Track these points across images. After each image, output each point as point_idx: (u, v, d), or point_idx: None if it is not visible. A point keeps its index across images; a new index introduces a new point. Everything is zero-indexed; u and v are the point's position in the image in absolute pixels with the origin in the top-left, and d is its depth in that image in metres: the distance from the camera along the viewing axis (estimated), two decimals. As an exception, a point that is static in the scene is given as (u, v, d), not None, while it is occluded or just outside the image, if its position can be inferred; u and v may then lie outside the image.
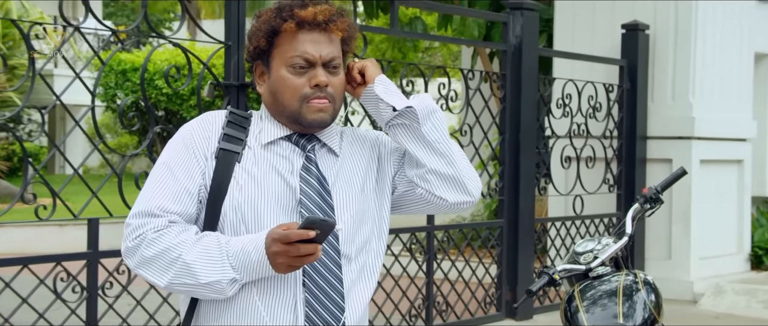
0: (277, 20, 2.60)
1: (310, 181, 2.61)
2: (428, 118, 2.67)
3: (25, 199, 4.56)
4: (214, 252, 2.44)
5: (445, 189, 2.70)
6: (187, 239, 2.47)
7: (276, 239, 2.36)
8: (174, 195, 2.54)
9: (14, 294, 4.42)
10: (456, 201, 2.71)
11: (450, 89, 6.56)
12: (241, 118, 2.67)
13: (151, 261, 2.48)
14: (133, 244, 2.50)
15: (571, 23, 9.03)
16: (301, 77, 2.61)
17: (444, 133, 2.69)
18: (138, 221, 2.51)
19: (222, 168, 2.58)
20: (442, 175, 2.68)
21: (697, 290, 8.29)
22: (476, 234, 7.04)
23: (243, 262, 2.42)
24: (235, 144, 2.61)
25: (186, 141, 2.62)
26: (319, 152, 2.68)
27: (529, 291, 3.70)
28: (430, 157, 2.67)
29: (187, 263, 2.44)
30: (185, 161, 2.58)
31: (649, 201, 4.16)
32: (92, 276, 4.66)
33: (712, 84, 8.69)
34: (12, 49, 18.37)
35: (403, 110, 2.65)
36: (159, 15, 34.13)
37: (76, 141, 24.25)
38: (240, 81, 5.09)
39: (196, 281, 2.44)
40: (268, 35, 2.62)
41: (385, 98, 2.68)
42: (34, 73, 4.36)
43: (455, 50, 23.64)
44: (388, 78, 2.83)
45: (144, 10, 4.73)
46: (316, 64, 2.61)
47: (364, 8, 11.15)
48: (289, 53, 2.61)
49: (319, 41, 2.62)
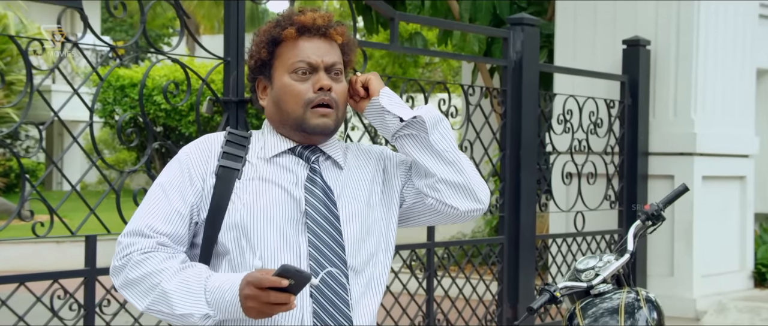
0: (276, 30, 2.63)
1: (315, 192, 2.60)
2: (435, 127, 2.68)
3: (22, 216, 4.53)
4: (192, 285, 2.44)
5: (456, 197, 2.69)
6: (170, 267, 2.47)
7: (250, 282, 2.34)
8: (165, 216, 2.55)
9: (11, 312, 4.38)
10: (467, 209, 2.71)
11: (450, 105, 6.53)
12: (240, 137, 2.67)
13: (134, 284, 2.49)
14: (120, 264, 2.52)
15: (572, 39, 9.01)
16: (304, 82, 2.62)
17: (452, 142, 2.70)
18: (127, 240, 2.53)
19: (222, 186, 2.58)
20: (452, 184, 2.68)
21: (699, 308, 8.24)
22: (477, 250, 7.00)
23: (217, 300, 2.40)
24: (234, 161, 2.61)
25: (183, 163, 2.63)
26: (324, 164, 2.68)
27: (530, 309, 3.67)
28: (439, 166, 2.67)
29: (165, 291, 2.44)
30: (179, 183, 2.59)
31: (650, 218, 4.13)
32: (89, 294, 4.62)
33: (714, 100, 8.66)
34: (10, 64, 18.36)
35: (410, 120, 2.65)
36: (158, 30, 34.19)
37: (74, 157, 24.24)
38: (239, 97, 5.05)
39: (171, 310, 2.43)
40: (269, 46, 2.64)
41: (391, 109, 2.68)
42: (32, 89, 4.32)
43: (455, 66, 23.64)
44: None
45: (143, 26, 4.69)
46: (318, 68, 2.62)
47: (364, 24, 11.14)
48: (291, 60, 2.62)
49: (320, 47, 2.64)
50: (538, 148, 7.22)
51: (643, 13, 8.60)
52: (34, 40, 4.53)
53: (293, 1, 5.51)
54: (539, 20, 7.34)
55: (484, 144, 6.95)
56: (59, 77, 20.89)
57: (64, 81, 5.36)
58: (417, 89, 7.07)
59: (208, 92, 5.08)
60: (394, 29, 6.12)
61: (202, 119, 14.60)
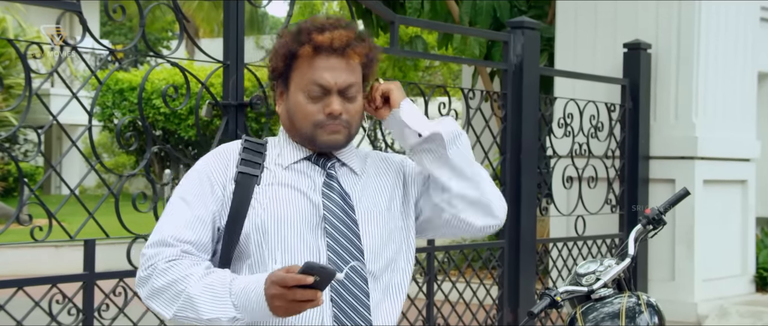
0: (294, 44, 2.61)
1: (332, 197, 2.61)
2: (454, 143, 2.67)
3: (20, 220, 4.50)
4: (218, 289, 2.43)
5: (472, 213, 2.69)
6: (196, 273, 2.46)
7: (274, 282, 2.33)
8: (187, 223, 2.54)
9: (9, 317, 4.35)
10: (483, 225, 2.71)
11: (450, 108, 6.51)
12: (256, 144, 2.67)
13: (160, 293, 2.47)
14: (146, 274, 2.51)
15: (572, 42, 8.99)
16: (315, 103, 2.60)
17: (469, 157, 2.70)
18: (151, 251, 2.52)
19: (242, 191, 2.58)
20: (469, 199, 2.67)
21: (700, 312, 8.22)
22: (477, 255, 6.97)
23: (243, 302, 2.39)
24: (253, 167, 2.61)
25: (201, 172, 2.63)
26: (340, 170, 2.68)
27: (530, 313, 3.66)
28: (456, 181, 2.67)
29: (191, 296, 2.43)
30: (199, 191, 2.59)
31: (651, 222, 4.12)
32: (88, 298, 4.59)
33: (715, 103, 8.64)
34: (8, 68, 18.36)
35: (429, 136, 2.63)
36: (157, 34, 34.20)
37: (73, 161, 24.24)
38: (238, 100, 5.03)
39: (198, 316, 2.42)
40: (285, 58, 2.62)
41: (410, 124, 2.67)
42: (31, 93, 4.30)
43: (456, 69, 23.66)
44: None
45: (142, 29, 4.67)
46: (331, 91, 2.59)
47: (364, 27, 11.13)
48: (305, 79, 2.60)
49: (336, 68, 2.60)
50: (538, 152, 7.19)
51: (644, 16, 8.58)
52: (33, 43, 4.51)
53: (293, 3, 5.48)
54: (540, 23, 7.32)
55: (484, 147, 6.93)
56: (58, 81, 20.92)
57: (63, 84, 5.35)
58: (417, 93, 7.03)
59: (207, 96, 5.05)
60: (394, 32, 6.10)
61: (201, 123, 14.59)
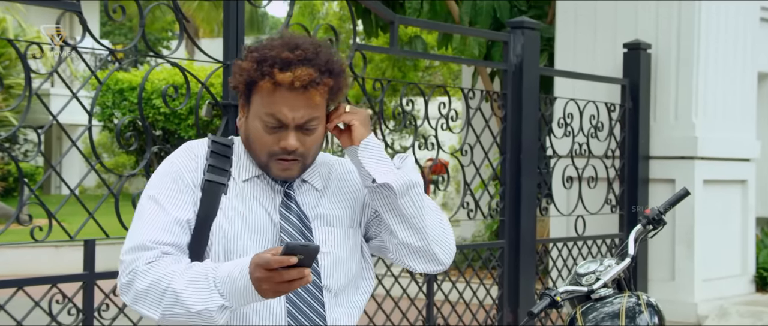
0: (256, 73, 2.51)
1: (290, 218, 2.58)
2: (407, 193, 2.61)
3: (20, 220, 4.50)
4: (201, 281, 2.39)
5: (415, 260, 2.68)
6: (177, 269, 2.42)
7: (258, 265, 2.30)
8: (164, 226, 2.50)
9: (9, 317, 4.35)
10: (424, 270, 2.69)
11: (450, 108, 6.51)
12: (223, 146, 2.61)
13: (144, 294, 2.43)
14: (127, 279, 2.46)
15: (572, 42, 8.99)
16: (271, 135, 2.53)
17: (421, 208, 2.63)
18: (130, 256, 2.47)
19: (208, 200, 2.54)
20: (412, 247, 2.65)
21: (700, 312, 8.21)
22: (477, 255, 6.97)
23: (230, 288, 2.36)
24: (220, 175, 2.57)
25: (171, 172, 2.57)
26: (300, 188, 2.64)
27: (530, 313, 3.66)
28: (402, 230, 2.63)
29: (176, 292, 2.39)
30: (172, 192, 2.54)
31: (651, 222, 4.12)
32: (88, 298, 4.59)
33: (715, 103, 8.64)
34: (8, 68, 18.36)
35: (381, 184, 2.58)
36: (157, 34, 34.18)
37: (73, 161, 24.23)
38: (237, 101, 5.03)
39: (187, 310, 2.39)
40: (246, 83, 2.54)
41: (366, 167, 2.60)
42: (31, 93, 4.30)
43: (456, 69, 23.64)
44: (389, 97, 2.79)
45: (142, 29, 4.67)
46: (288, 126, 2.52)
47: (363, 27, 11.13)
48: (263, 110, 2.52)
49: (296, 104, 2.51)
50: (538, 152, 7.19)
51: (644, 16, 8.58)
52: (33, 43, 4.51)
53: (293, 3, 5.48)
54: (539, 24, 7.32)
55: (484, 147, 6.92)
56: (58, 81, 20.91)
57: (63, 84, 5.34)
58: (417, 93, 7.02)
59: (207, 96, 5.05)
60: (393, 32, 6.10)
61: (201, 123, 14.59)
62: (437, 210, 2.70)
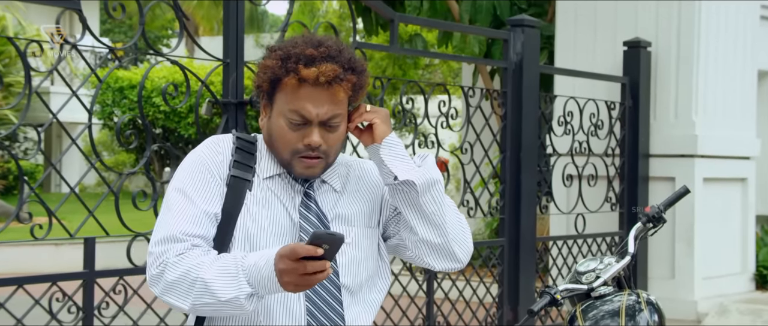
0: (281, 70, 2.53)
1: (309, 218, 2.59)
2: (428, 191, 2.63)
3: (20, 218, 4.50)
4: (231, 269, 2.40)
5: (434, 257, 2.68)
6: (206, 260, 2.44)
7: (283, 255, 2.31)
8: (194, 218, 2.51)
9: (9, 315, 4.35)
10: (442, 268, 2.70)
11: (450, 106, 6.50)
12: (248, 143, 2.63)
13: (174, 285, 2.45)
14: (158, 271, 2.47)
15: (572, 40, 8.99)
16: (295, 131, 2.55)
17: (441, 205, 2.65)
18: (160, 248, 2.48)
19: (233, 196, 2.55)
20: (432, 245, 2.66)
21: (700, 310, 8.22)
22: (477, 253, 6.97)
23: (256, 277, 2.38)
24: (245, 171, 2.58)
25: (199, 164, 2.58)
26: (319, 188, 2.65)
27: (530, 311, 3.65)
28: (423, 227, 2.64)
29: (206, 282, 2.40)
30: (201, 185, 2.55)
31: (651, 220, 4.12)
32: (88, 296, 4.59)
33: (715, 101, 8.64)
34: (8, 66, 18.35)
35: (403, 181, 2.60)
36: (157, 32, 34.18)
37: (73, 159, 24.22)
38: (238, 98, 5.03)
39: (216, 299, 2.40)
40: (271, 81, 2.56)
41: (388, 164, 2.62)
42: (31, 91, 4.30)
43: (456, 67, 23.63)
44: (389, 95, 2.79)
45: (142, 27, 4.67)
46: (312, 122, 2.54)
47: (363, 25, 11.12)
48: (287, 106, 2.54)
49: (320, 100, 2.54)
50: (538, 150, 7.20)
51: (644, 14, 8.58)
52: (33, 41, 4.51)
53: (292, 1, 5.47)
54: (539, 22, 7.32)
55: (484, 146, 6.92)
56: (58, 79, 20.90)
57: (63, 82, 5.34)
58: (417, 91, 7.03)
59: (207, 94, 5.05)
60: (393, 31, 6.10)
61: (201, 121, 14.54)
62: (455, 209, 2.72)
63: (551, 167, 7.77)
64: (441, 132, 6.48)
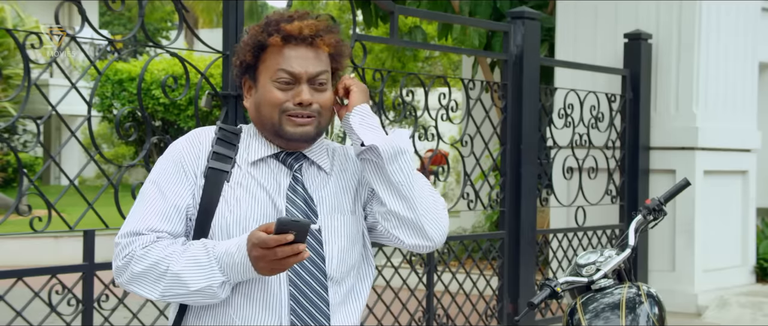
0: (263, 35, 2.58)
1: (296, 202, 2.59)
2: (395, 159, 2.62)
3: (20, 211, 4.49)
4: (201, 258, 2.44)
5: (402, 231, 2.65)
6: (175, 251, 2.47)
7: (255, 244, 2.35)
8: (162, 213, 2.53)
9: (8, 307, 4.35)
10: (412, 244, 2.66)
11: (450, 99, 6.49)
12: (230, 134, 2.64)
13: (141, 276, 2.48)
14: (123, 263, 2.50)
15: (572, 32, 8.98)
16: (285, 92, 2.58)
17: (409, 176, 2.63)
18: (126, 240, 2.51)
19: (211, 188, 2.56)
20: (401, 217, 2.64)
21: (701, 303, 8.21)
22: (477, 245, 6.96)
23: (228, 264, 2.41)
24: (224, 162, 2.59)
25: (176, 158, 2.60)
26: (308, 171, 2.65)
27: (530, 304, 3.65)
28: (391, 198, 2.63)
29: (176, 273, 2.44)
30: (174, 179, 2.57)
31: (652, 212, 4.12)
32: (88, 289, 4.59)
33: (716, 94, 8.62)
34: (7, 58, 18.33)
35: (368, 147, 2.60)
36: (156, 24, 34.16)
37: (72, 151, 24.23)
38: (238, 91, 5.02)
39: (187, 289, 2.44)
40: (254, 50, 2.60)
41: (356, 130, 2.63)
42: (30, 83, 4.28)
43: (456, 60, 23.62)
44: (389, 88, 2.79)
45: (141, 19, 4.66)
46: (300, 80, 2.57)
47: (363, 17, 11.12)
48: (274, 67, 2.57)
49: (306, 57, 2.58)
50: (538, 143, 7.19)
51: (645, 6, 8.57)
52: (32, 33, 4.49)
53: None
54: (540, 14, 7.31)
55: (484, 138, 6.91)
56: (57, 71, 20.89)
57: (62, 75, 5.33)
58: (417, 83, 7.02)
59: (206, 86, 5.03)
60: (393, 23, 6.08)
61: (200, 113, 14.53)
62: (430, 187, 2.70)
63: (551, 160, 7.76)
64: (441, 124, 6.47)
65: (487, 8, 10.43)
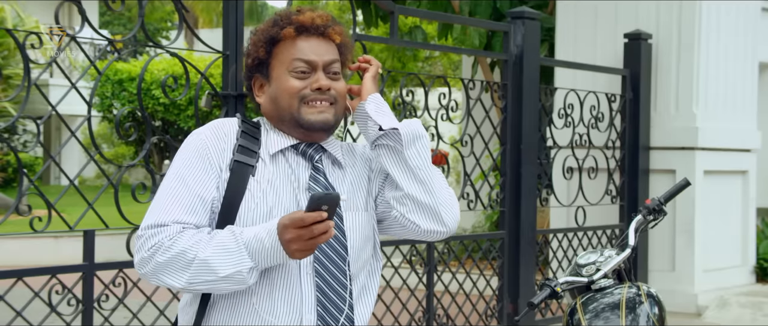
0: (275, 29, 2.63)
1: (318, 190, 2.59)
2: (413, 143, 2.66)
3: (20, 211, 4.48)
4: (230, 245, 2.44)
5: (419, 215, 2.67)
6: (201, 239, 2.46)
7: (288, 225, 2.36)
8: (187, 206, 2.53)
9: (8, 307, 4.34)
10: (428, 229, 2.68)
11: (450, 99, 6.49)
12: (252, 127, 2.65)
13: (167, 266, 2.46)
14: (148, 254, 2.49)
15: (572, 32, 8.97)
16: (302, 81, 2.62)
17: (426, 160, 2.68)
18: (150, 231, 2.50)
19: (236, 181, 2.56)
20: (419, 202, 2.66)
21: (701, 303, 8.21)
22: (477, 245, 6.96)
23: (257, 249, 2.42)
24: (249, 156, 2.60)
25: (200, 150, 2.59)
26: (326, 164, 2.68)
27: (530, 304, 3.65)
28: (409, 182, 2.65)
29: (204, 260, 2.43)
30: (199, 170, 2.57)
31: (652, 212, 4.12)
32: (88, 289, 4.58)
33: (716, 94, 8.62)
34: (7, 58, 18.33)
35: (388, 131, 2.64)
36: (156, 24, 34.16)
37: (72, 151, 24.23)
38: (238, 91, 5.02)
39: (216, 275, 2.43)
40: (267, 45, 2.63)
41: (374, 116, 2.68)
42: (30, 83, 4.28)
43: (456, 60, 23.62)
44: (388, 88, 2.81)
45: (141, 19, 4.65)
46: (317, 68, 2.62)
47: (363, 17, 11.11)
48: (289, 58, 2.61)
49: (319, 46, 2.64)
50: (538, 143, 7.18)
51: (645, 6, 8.56)
52: (32, 33, 4.49)
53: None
54: (540, 14, 7.31)
55: (484, 138, 6.91)
56: (57, 71, 20.88)
57: (62, 75, 5.33)
58: (417, 83, 7.02)
59: (207, 86, 5.03)
60: (393, 23, 6.08)
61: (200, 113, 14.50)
62: (443, 177, 2.74)
63: (551, 160, 7.76)
64: (441, 124, 6.47)
65: (487, 8, 10.42)
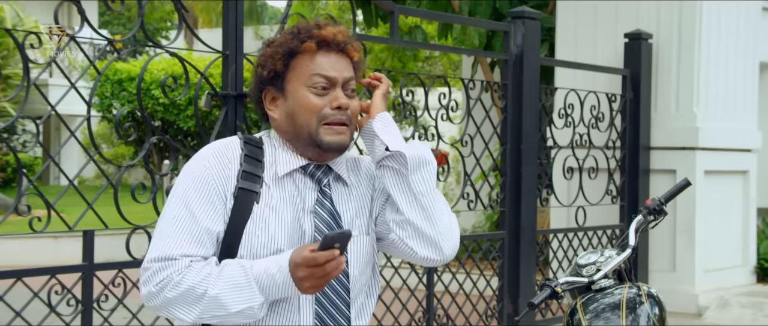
0: (294, 42, 2.57)
1: (323, 217, 2.56)
2: (418, 169, 2.61)
3: (19, 211, 4.48)
4: (240, 280, 2.41)
5: (418, 242, 2.63)
6: (211, 273, 2.43)
7: (300, 264, 2.34)
8: (195, 237, 2.48)
9: (8, 308, 4.34)
10: (424, 256, 2.64)
11: (450, 99, 6.48)
12: (255, 148, 2.59)
13: (176, 301, 2.43)
14: (157, 289, 2.45)
15: (573, 32, 8.96)
16: (321, 98, 2.56)
17: (431, 187, 2.63)
18: (158, 265, 2.45)
19: (241, 208, 2.52)
20: (419, 229, 2.62)
21: (701, 303, 8.20)
22: (477, 245, 6.95)
23: (268, 284, 2.40)
24: (253, 182, 2.54)
25: (205, 178, 2.53)
26: (334, 186, 2.63)
27: (531, 304, 3.65)
28: (410, 208, 2.61)
29: (214, 297, 2.40)
30: (205, 202, 2.51)
31: (652, 212, 4.11)
32: (87, 289, 4.58)
33: (717, 94, 8.61)
34: (6, 58, 18.32)
35: (394, 153, 2.60)
36: (155, 24, 34.16)
37: (72, 151, 24.23)
38: (238, 91, 5.01)
39: (227, 311, 2.41)
40: (285, 57, 2.57)
41: (381, 136, 2.63)
42: (29, 83, 4.28)
43: (456, 59, 23.62)
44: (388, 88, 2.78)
45: (140, 19, 4.65)
46: (336, 84, 2.57)
47: (363, 17, 11.10)
48: (308, 73, 2.56)
49: (338, 62, 2.60)
50: (539, 143, 7.18)
51: (645, 6, 8.55)
52: (31, 33, 4.48)
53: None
54: (540, 13, 7.30)
55: (484, 138, 6.91)
56: (56, 71, 20.87)
57: (62, 75, 5.33)
58: (417, 83, 7.03)
59: (206, 86, 5.02)
60: (393, 23, 6.07)
61: (200, 113, 14.47)
62: (446, 203, 2.70)
63: (552, 160, 7.75)
64: (441, 124, 6.46)
65: (487, 8, 10.42)
